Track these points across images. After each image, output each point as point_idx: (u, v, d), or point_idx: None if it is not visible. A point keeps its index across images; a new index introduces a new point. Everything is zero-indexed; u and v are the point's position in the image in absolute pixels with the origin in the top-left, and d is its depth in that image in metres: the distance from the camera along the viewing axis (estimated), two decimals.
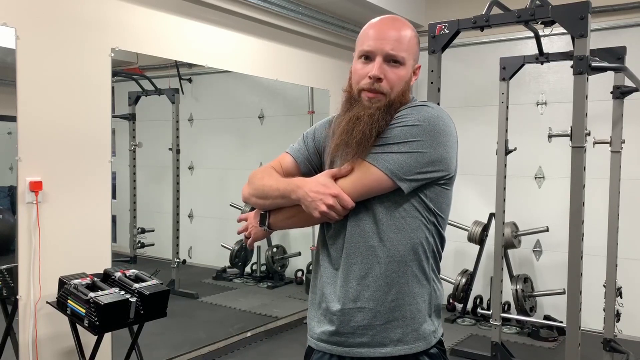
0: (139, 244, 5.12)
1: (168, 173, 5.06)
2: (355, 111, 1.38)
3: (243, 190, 1.51)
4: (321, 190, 1.34)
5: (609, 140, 3.48)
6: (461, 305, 4.77)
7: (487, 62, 4.53)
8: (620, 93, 3.45)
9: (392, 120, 1.36)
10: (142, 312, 2.68)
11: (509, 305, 4.59)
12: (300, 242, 5.55)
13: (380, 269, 1.34)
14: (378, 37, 1.39)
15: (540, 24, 2.72)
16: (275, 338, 4.26)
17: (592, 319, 4.08)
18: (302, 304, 4.81)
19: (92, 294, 2.55)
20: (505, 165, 3.68)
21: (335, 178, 1.36)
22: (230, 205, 5.60)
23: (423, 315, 1.36)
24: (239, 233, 1.58)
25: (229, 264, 5.59)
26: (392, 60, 1.38)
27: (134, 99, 5.11)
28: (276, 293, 5.27)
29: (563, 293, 3.39)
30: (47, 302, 2.78)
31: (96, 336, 2.61)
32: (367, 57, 1.39)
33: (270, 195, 1.43)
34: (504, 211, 3.73)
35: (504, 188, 3.71)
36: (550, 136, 3.53)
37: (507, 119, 3.68)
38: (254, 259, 5.62)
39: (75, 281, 2.66)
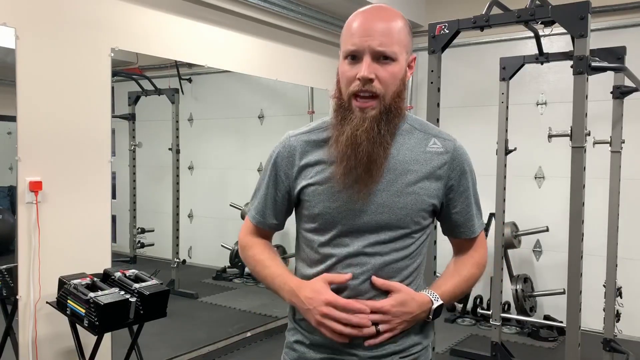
0: (139, 244, 5.11)
1: (168, 173, 5.06)
2: (349, 127, 1.24)
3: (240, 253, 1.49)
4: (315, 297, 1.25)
5: (609, 140, 3.48)
6: (461, 305, 4.77)
7: (487, 62, 4.53)
8: (620, 93, 3.45)
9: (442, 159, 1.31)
10: (142, 312, 2.68)
11: (509, 305, 4.59)
12: None
13: None
14: (363, 33, 1.23)
15: (540, 24, 2.72)
16: (275, 338, 4.26)
17: (592, 319, 4.08)
18: None
19: (92, 294, 2.55)
20: (505, 165, 3.68)
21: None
22: (230, 205, 5.60)
23: None
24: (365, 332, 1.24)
25: (229, 264, 5.58)
26: (382, 57, 1.23)
27: (134, 99, 5.11)
28: None
29: (563, 293, 3.39)
30: (47, 302, 2.78)
31: (96, 336, 2.61)
32: (354, 56, 1.24)
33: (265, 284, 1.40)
34: (504, 211, 3.73)
35: (504, 188, 3.70)
36: (550, 136, 3.53)
37: (507, 119, 3.68)
38: None
39: (75, 281, 2.66)
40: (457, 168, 1.33)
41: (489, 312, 3.83)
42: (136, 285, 2.72)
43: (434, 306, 1.29)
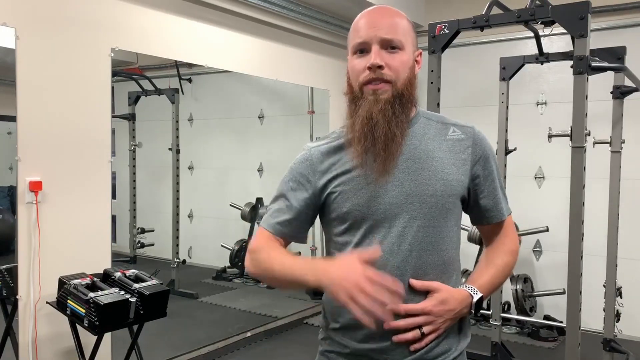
0: (139, 244, 5.12)
1: (168, 173, 5.06)
2: (363, 110, 1.25)
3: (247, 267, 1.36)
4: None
5: (609, 140, 3.48)
6: None
7: (487, 62, 4.52)
8: (620, 93, 3.45)
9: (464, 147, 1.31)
10: (142, 312, 2.68)
11: (509, 305, 4.59)
12: None
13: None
14: (370, 26, 1.27)
15: (540, 24, 2.72)
16: (275, 338, 4.26)
17: (592, 319, 4.08)
18: (302, 304, 4.80)
19: (92, 294, 2.55)
20: (505, 165, 3.68)
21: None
22: (230, 205, 5.60)
23: None
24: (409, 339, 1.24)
25: (229, 264, 5.59)
26: (389, 46, 1.26)
27: (134, 99, 5.11)
28: (276, 293, 5.27)
29: (563, 293, 3.39)
30: (47, 302, 2.78)
31: (96, 336, 2.61)
32: (362, 50, 1.27)
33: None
34: None
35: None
36: (550, 136, 3.53)
37: (507, 119, 3.68)
38: None
39: (75, 281, 2.66)
40: (480, 152, 1.33)
41: (489, 312, 3.83)
42: (136, 285, 2.72)
43: (474, 300, 1.31)
